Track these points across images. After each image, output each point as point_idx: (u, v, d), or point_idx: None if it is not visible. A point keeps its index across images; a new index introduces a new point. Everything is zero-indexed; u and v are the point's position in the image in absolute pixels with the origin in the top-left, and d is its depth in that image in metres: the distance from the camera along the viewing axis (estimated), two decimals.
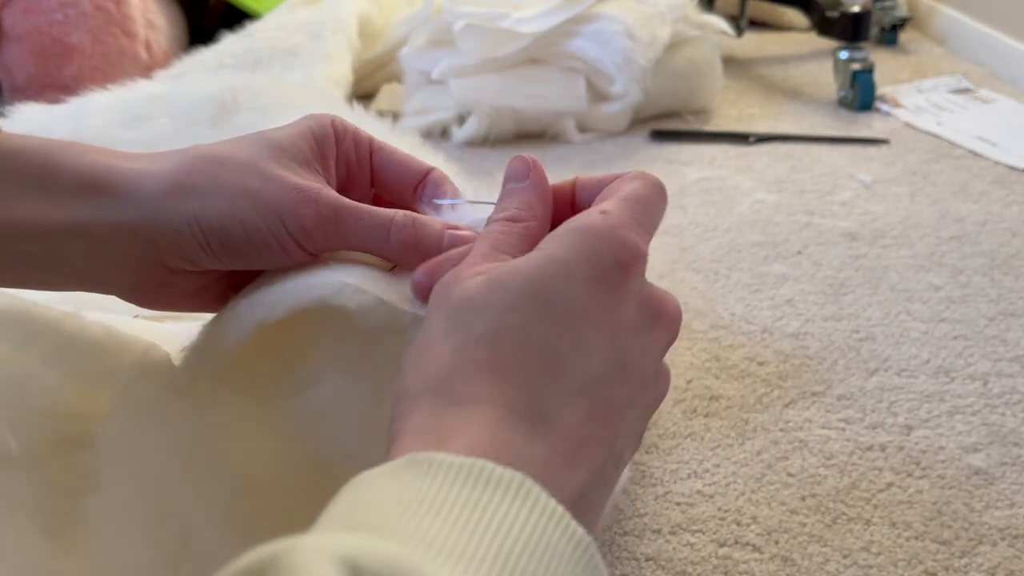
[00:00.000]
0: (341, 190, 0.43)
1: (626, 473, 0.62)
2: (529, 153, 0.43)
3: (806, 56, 1.61)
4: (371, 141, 0.44)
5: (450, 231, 0.41)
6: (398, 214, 0.40)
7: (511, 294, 0.32)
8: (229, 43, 1.29)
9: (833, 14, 1.38)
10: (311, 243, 0.40)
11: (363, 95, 1.34)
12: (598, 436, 0.31)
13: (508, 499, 0.26)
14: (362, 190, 0.44)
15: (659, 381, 0.35)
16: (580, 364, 0.32)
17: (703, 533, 0.59)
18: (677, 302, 0.36)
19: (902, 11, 1.66)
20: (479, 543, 0.25)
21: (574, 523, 0.27)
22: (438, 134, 1.27)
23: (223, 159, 0.40)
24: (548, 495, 0.27)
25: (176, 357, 0.45)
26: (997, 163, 1.16)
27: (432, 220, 0.41)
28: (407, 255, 0.40)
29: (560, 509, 0.27)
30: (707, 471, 0.65)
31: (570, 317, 0.32)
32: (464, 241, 0.40)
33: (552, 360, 0.31)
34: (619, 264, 0.33)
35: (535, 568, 0.25)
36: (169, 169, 0.40)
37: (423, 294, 0.38)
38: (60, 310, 0.45)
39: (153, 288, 0.41)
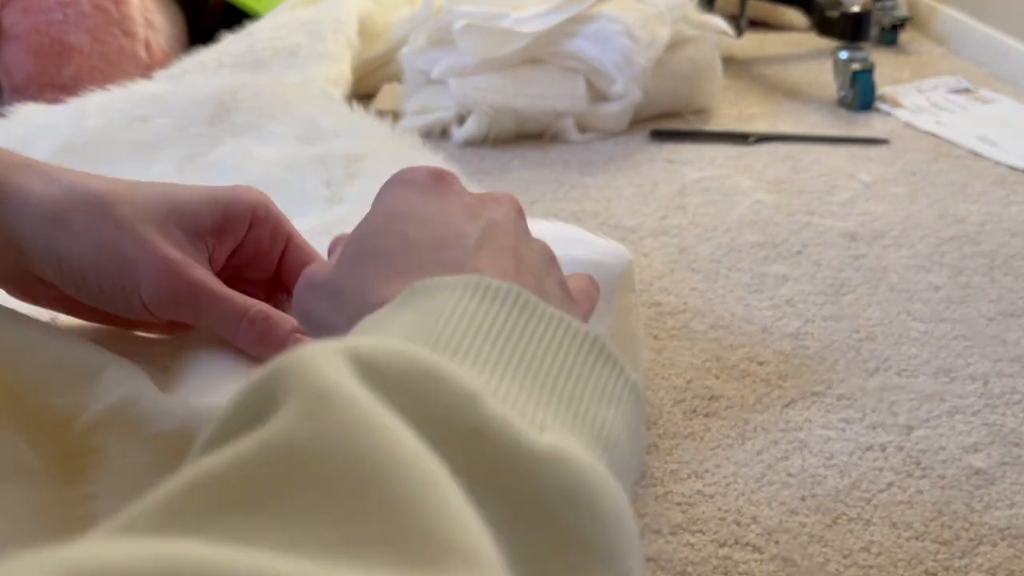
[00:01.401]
0: (238, 268, 0.45)
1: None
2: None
3: (806, 56, 1.61)
4: (290, 237, 0.46)
5: (297, 334, 0.42)
6: (254, 307, 0.42)
7: (369, 225, 0.36)
8: (229, 43, 1.29)
9: (833, 14, 1.38)
10: (161, 312, 0.42)
11: (363, 95, 1.34)
12: (520, 274, 0.34)
13: (507, 307, 0.28)
14: (262, 275, 0.46)
15: (540, 246, 0.38)
16: (459, 234, 0.34)
17: (703, 533, 0.59)
18: (504, 191, 0.39)
19: (902, 11, 1.66)
20: (483, 343, 0.26)
21: (576, 323, 0.28)
22: (438, 134, 1.27)
23: (107, 206, 0.41)
24: (543, 303, 0.29)
25: None
26: (997, 163, 1.16)
27: (285, 320, 0.43)
28: (252, 349, 0.42)
29: (558, 313, 0.28)
30: (707, 471, 0.65)
31: (429, 210, 0.35)
32: None
33: (440, 237, 0.34)
34: (433, 175, 0.37)
35: (549, 365, 0.27)
36: (54, 197, 0.41)
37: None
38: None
39: (22, 287, 0.44)
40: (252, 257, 0.45)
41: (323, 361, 0.22)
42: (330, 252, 0.42)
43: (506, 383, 0.26)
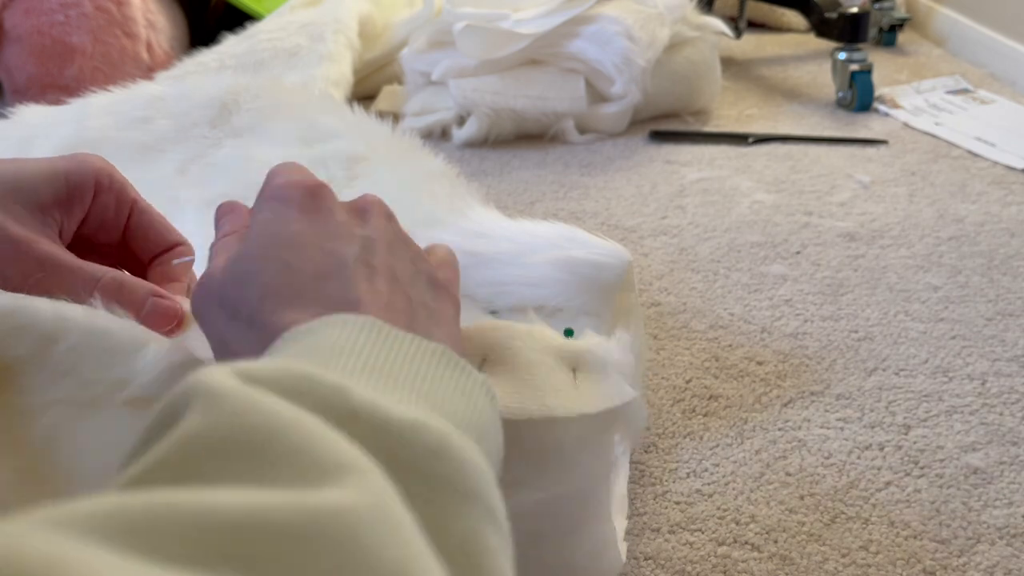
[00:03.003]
0: (88, 236, 0.46)
1: (625, 473, 0.62)
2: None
3: (805, 57, 1.61)
4: (135, 202, 0.47)
5: (155, 297, 0.44)
6: (107, 275, 0.43)
7: (255, 247, 0.38)
8: (230, 44, 1.29)
9: (832, 15, 1.39)
10: (17, 290, 0.42)
11: (363, 96, 1.34)
12: (392, 294, 0.37)
13: (372, 335, 0.32)
14: (110, 240, 0.48)
15: (409, 247, 0.41)
16: (335, 259, 0.37)
17: (702, 532, 0.60)
18: (371, 195, 0.42)
19: (900, 12, 1.66)
20: (347, 360, 0.31)
21: (417, 338, 0.33)
22: (438, 135, 1.27)
23: None
24: (390, 326, 0.33)
25: None
26: (995, 163, 1.16)
27: (140, 284, 0.44)
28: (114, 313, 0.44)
29: (410, 336, 0.33)
30: (706, 470, 0.65)
31: (307, 235, 0.38)
32: (168, 308, 0.44)
33: (320, 267, 0.37)
34: (308, 192, 0.39)
35: (406, 372, 0.32)
36: None
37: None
38: None
39: None
40: (99, 224, 0.47)
41: (214, 374, 0.27)
42: (213, 252, 0.42)
43: (371, 385, 0.30)
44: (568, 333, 0.50)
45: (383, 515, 0.24)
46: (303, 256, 0.37)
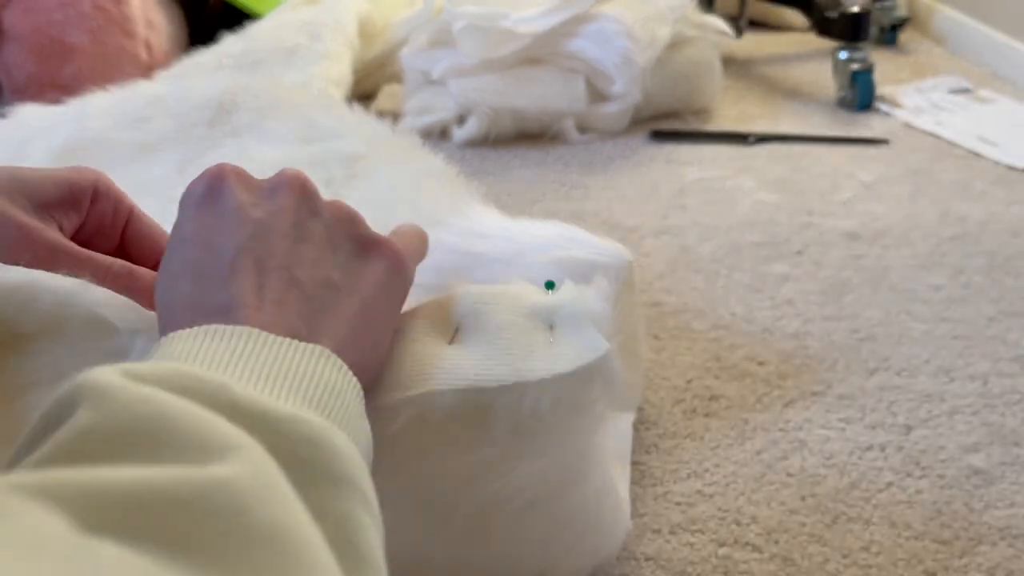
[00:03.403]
0: (85, 242, 0.47)
1: (625, 476, 0.62)
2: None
3: (806, 56, 1.61)
4: (132, 211, 0.49)
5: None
6: (116, 263, 0.44)
7: (163, 262, 0.40)
8: (229, 43, 1.29)
9: (832, 14, 1.38)
10: None
11: (363, 95, 1.34)
12: (280, 288, 0.38)
13: (243, 341, 0.34)
14: (107, 247, 0.48)
15: (324, 219, 0.41)
16: (217, 255, 0.38)
17: (703, 533, 0.59)
18: (291, 169, 0.42)
19: (901, 11, 1.66)
20: (227, 364, 0.33)
21: (289, 340, 0.35)
22: (438, 134, 1.27)
23: None
24: (265, 332, 0.34)
25: None
26: (997, 163, 1.16)
27: (146, 272, 0.45)
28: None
29: (285, 339, 0.35)
30: (707, 471, 0.65)
31: (196, 230, 0.39)
32: None
33: (199, 267, 0.38)
34: (206, 182, 0.40)
35: (284, 371, 0.33)
36: None
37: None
38: None
39: None
40: (96, 230, 0.48)
41: (101, 373, 0.28)
42: None
43: (250, 384, 0.32)
44: (549, 286, 0.48)
45: (265, 483, 0.26)
46: (188, 261, 0.39)
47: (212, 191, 0.40)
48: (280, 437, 0.29)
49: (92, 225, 0.47)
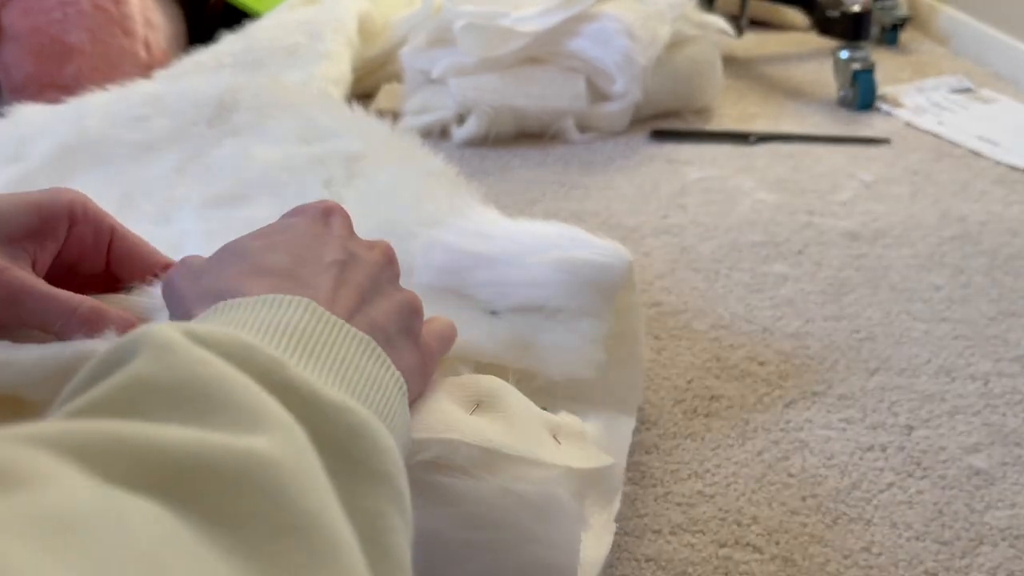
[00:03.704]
0: (71, 266, 0.46)
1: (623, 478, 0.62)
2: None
3: (807, 56, 1.61)
4: (113, 229, 0.48)
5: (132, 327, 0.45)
6: (84, 304, 0.43)
7: (249, 237, 0.42)
8: (228, 43, 1.29)
9: (834, 13, 1.38)
10: None
11: (363, 94, 1.34)
12: (351, 302, 0.40)
13: (305, 314, 0.35)
14: (94, 270, 0.48)
15: (397, 291, 0.44)
16: (318, 256, 0.40)
17: (703, 533, 0.59)
18: (386, 241, 0.45)
19: (903, 10, 1.65)
20: (282, 338, 0.33)
21: (349, 326, 0.36)
22: (438, 133, 1.26)
23: None
24: (323, 309, 0.36)
25: None
26: (998, 163, 1.16)
27: (119, 315, 0.44)
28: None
29: (340, 321, 0.36)
30: (707, 471, 0.65)
31: (303, 232, 0.42)
32: None
33: (300, 256, 0.40)
34: (323, 209, 0.44)
35: (333, 357, 0.34)
36: None
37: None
38: None
39: None
40: (79, 255, 0.47)
41: (163, 329, 0.29)
42: None
43: (301, 364, 0.33)
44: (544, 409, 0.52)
45: (304, 468, 0.26)
46: (288, 244, 0.40)
47: (325, 215, 0.43)
48: (326, 424, 0.29)
49: (73, 250, 0.46)
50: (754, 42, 1.67)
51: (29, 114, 0.79)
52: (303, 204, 0.45)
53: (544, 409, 0.50)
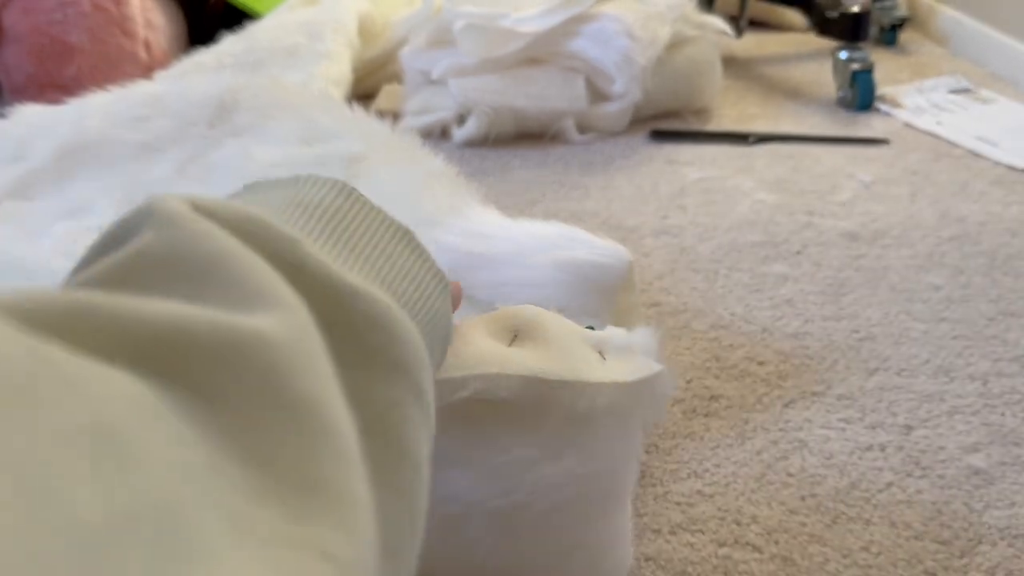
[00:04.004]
0: None
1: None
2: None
3: (806, 56, 1.61)
4: None
5: None
6: None
7: None
8: (229, 43, 1.29)
9: (833, 14, 1.38)
10: None
11: (363, 95, 1.34)
12: None
13: (333, 193, 0.33)
14: None
15: None
16: None
17: (703, 533, 0.59)
18: None
19: (902, 11, 1.66)
20: (308, 219, 0.31)
21: (385, 212, 0.34)
22: (438, 134, 1.27)
23: None
24: (361, 195, 0.34)
25: None
26: (997, 163, 1.16)
27: None
28: None
29: (377, 207, 0.34)
30: (707, 471, 0.65)
31: None
32: None
33: None
34: None
35: (364, 243, 0.32)
36: None
37: None
38: None
39: None
40: None
41: (170, 201, 0.27)
42: None
43: (325, 248, 0.31)
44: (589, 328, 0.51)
45: (303, 351, 0.24)
46: None
47: None
48: (340, 310, 0.27)
49: None
50: (753, 43, 1.68)
51: (29, 114, 0.79)
52: None
53: (590, 327, 0.50)
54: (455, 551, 0.47)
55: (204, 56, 1.26)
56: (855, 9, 1.36)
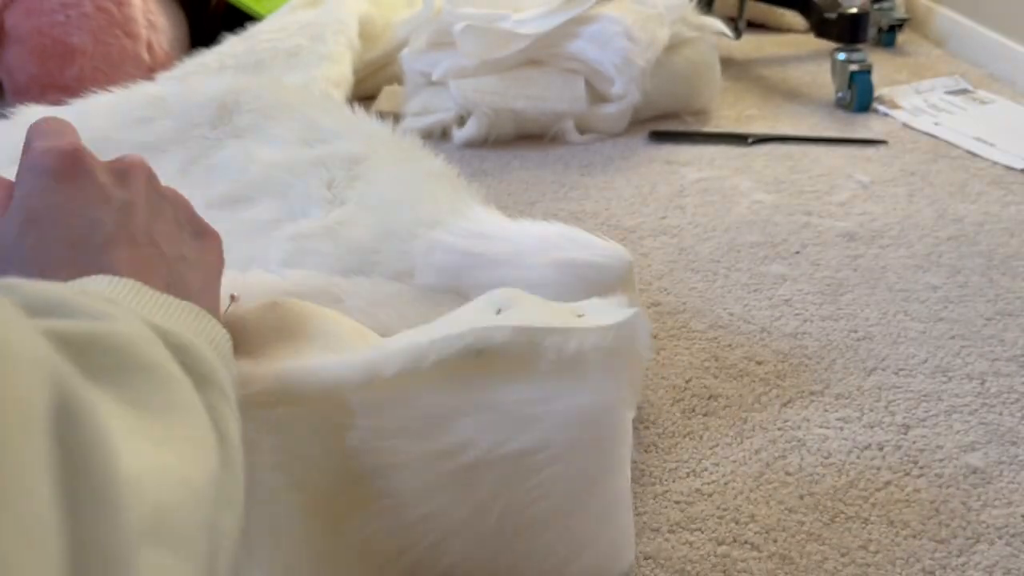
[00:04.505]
0: None
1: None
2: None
3: (804, 57, 1.61)
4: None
5: None
6: None
7: (14, 224, 0.41)
8: (230, 45, 1.29)
9: (831, 15, 1.39)
10: None
11: (364, 96, 1.34)
12: (149, 256, 0.42)
13: (118, 286, 0.38)
14: None
15: (169, 203, 0.45)
16: (92, 226, 0.41)
17: (702, 532, 0.60)
18: (133, 155, 0.45)
19: (900, 12, 1.66)
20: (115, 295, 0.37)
21: (170, 298, 0.39)
22: (438, 135, 1.27)
23: None
24: (142, 284, 0.39)
25: None
26: (995, 164, 1.16)
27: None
28: None
29: (154, 292, 0.39)
30: (706, 470, 0.65)
31: (62, 203, 0.41)
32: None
33: (74, 235, 0.40)
34: (65, 157, 0.41)
35: (152, 314, 0.37)
36: None
37: None
38: None
39: None
40: None
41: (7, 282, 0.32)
42: None
43: (145, 310, 0.37)
44: None
45: (145, 338, 0.33)
46: (60, 227, 0.40)
47: (74, 164, 0.42)
48: (160, 336, 0.35)
49: None
50: (752, 44, 1.68)
51: (32, 116, 0.79)
52: (36, 153, 0.42)
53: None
54: (472, 512, 0.49)
55: (206, 57, 1.26)
56: (853, 10, 1.37)
